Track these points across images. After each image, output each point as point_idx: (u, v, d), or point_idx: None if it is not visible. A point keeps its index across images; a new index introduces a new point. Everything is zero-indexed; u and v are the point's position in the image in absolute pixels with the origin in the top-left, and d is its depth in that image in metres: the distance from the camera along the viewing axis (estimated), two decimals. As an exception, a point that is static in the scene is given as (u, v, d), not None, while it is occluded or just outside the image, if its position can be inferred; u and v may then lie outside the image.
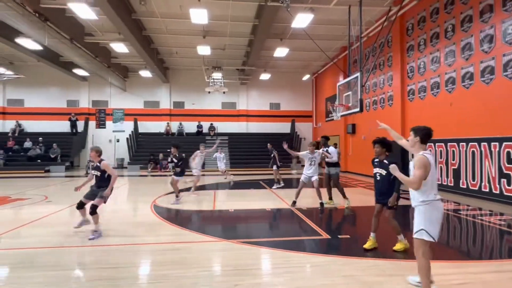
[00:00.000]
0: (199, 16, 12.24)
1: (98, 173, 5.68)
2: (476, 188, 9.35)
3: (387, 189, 4.77)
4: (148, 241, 5.27)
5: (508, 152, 8.23)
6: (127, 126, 23.12)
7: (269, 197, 9.91)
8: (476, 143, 9.37)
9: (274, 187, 11.62)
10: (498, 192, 8.48)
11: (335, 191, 8.55)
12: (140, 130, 24.04)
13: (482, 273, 3.86)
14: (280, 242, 5.36)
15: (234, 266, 4.15)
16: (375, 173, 4.97)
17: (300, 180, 8.19)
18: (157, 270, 4.07)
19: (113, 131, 22.95)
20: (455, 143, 10.20)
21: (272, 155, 12.23)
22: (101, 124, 23.26)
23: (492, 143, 8.73)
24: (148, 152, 21.18)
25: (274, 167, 12.02)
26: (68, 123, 22.90)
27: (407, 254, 4.58)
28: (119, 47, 16.26)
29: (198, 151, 10.68)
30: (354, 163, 17.80)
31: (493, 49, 8.81)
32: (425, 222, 3.11)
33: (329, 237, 5.50)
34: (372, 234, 4.91)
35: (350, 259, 4.41)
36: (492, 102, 8.81)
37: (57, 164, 19.92)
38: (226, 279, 3.75)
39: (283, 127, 25.00)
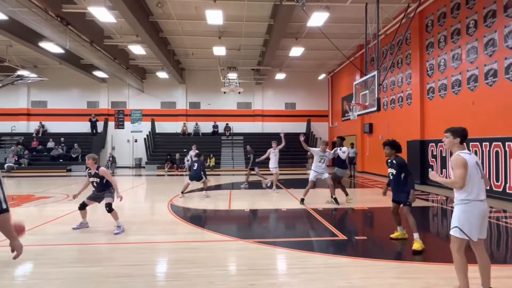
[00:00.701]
0: (214, 17, 12.34)
1: (97, 180, 5.81)
2: (500, 190, 9.01)
3: (399, 187, 4.98)
4: (165, 239, 5.36)
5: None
6: (145, 127, 23.57)
7: (285, 197, 9.88)
8: (500, 143, 9.03)
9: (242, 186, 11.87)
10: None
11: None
12: (157, 131, 24.46)
13: (498, 277, 3.71)
14: (296, 242, 5.33)
15: (250, 265, 4.16)
16: (389, 173, 5.21)
17: (310, 179, 8.37)
18: (173, 268, 4.13)
19: (131, 132, 23.45)
20: (478, 143, 9.86)
21: (250, 157, 12.10)
22: (119, 125, 23.82)
23: (517, 143, 8.39)
24: (165, 152, 21.53)
25: (256, 169, 11.91)
26: (88, 123, 23.56)
27: (426, 255, 4.46)
28: (137, 49, 16.60)
29: (271, 148, 10.75)
30: (371, 163, 17.51)
31: (518, 44, 8.46)
32: (459, 220, 3.14)
33: (346, 238, 5.43)
34: (398, 228, 5.24)
35: (367, 261, 4.34)
36: (517, 100, 8.46)
37: (78, 163, 20.53)
38: (241, 279, 3.77)
39: (298, 127, 24.82)
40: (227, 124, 24.56)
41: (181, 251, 4.77)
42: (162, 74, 22.01)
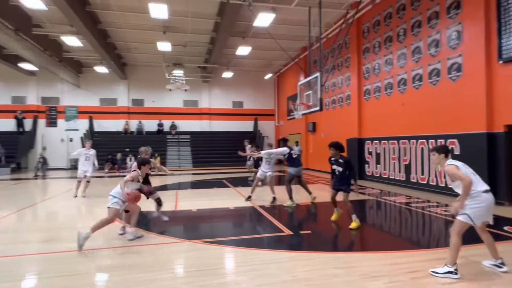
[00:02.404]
0: (158, 10, 11.87)
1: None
2: (425, 182, 10.08)
3: (344, 180, 5.91)
4: (105, 245, 5.03)
5: (452, 149, 8.97)
6: (82, 125, 21.85)
7: (232, 195, 9.91)
8: (425, 140, 10.10)
9: None
10: (443, 185, 9.21)
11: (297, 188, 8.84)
12: (96, 129, 22.82)
13: (430, 260, 4.16)
14: (243, 240, 5.39)
15: (198, 266, 4.09)
16: (334, 169, 6.06)
17: (257, 176, 8.78)
18: (116, 275, 3.89)
19: (66, 130, 21.57)
20: (407, 140, 10.91)
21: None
22: (51, 123, 21.74)
23: (439, 140, 9.46)
24: (105, 152, 20.14)
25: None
26: (13, 121, 21.10)
27: (363, 245, 4.82)
28: (72, 41, 15.27)
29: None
30: (315, 161, 18.36)
31: (439, 53, 9.53)
32: (470, 209, 3.61)
33: (292, 233, 5.63)
34: (335, 209, 6.25)
35: (312, 254, 4.54)
36: (438, 102, 9.54)
37: (1, 166, 18.29)
38: (189, 280, 3.70)
39: (246, 125, 25.07)
40: (173, 122, 23.84)
41: (123, 256, 4.52)
42: (101, 69, 20.55)
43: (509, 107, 7.57)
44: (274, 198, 8.46)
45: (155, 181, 8.65)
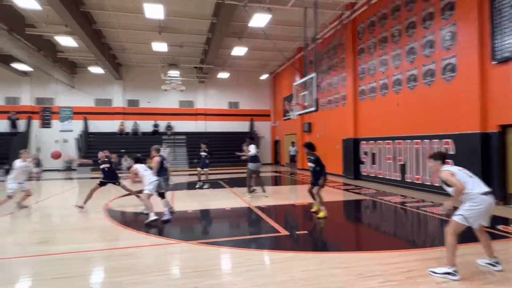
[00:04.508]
0: (154, 11, 11.81)
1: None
2: (420, 182, 10.15)
3: (316, 175, 6.85)
4: (101, 247, 4.99)
5: (447, 148, 9.04)
6: (76, 126, 21.68)
7: (228, 196, 9.89)
8: (419, 140, 10.16)
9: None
10: (438, 184, 9.28)
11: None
12: (91, 130, 22.66)
13: (426, 259, 4.19)
14: (239, 240, 5.38)
15: (193, 267, 4.08)
16: (310, 166, 7.04)
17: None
18: (111, 277, 3.86)
19: (60, 131, 21.36)
20: (401, 140, 10.98)
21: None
22: (45, 124, 21.51)
23: (433, 140, 9.53)
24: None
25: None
26: (7, 122, 20.88)
27: (360, 245, 4.80)
28: (66, 41, 15.14)
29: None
30: (311, 161, 18.35)
31: (434, 53, 9.60)
32: (466, 210, 3.64)
33: (288, 233, 5.63)
34: (314, 202, 7.08)
35: (308, 254, 4.55)
36: (433, 102, 9.61)
37: (-5, 167, 18.08)
38: (185, 282, 3.68)
39: (242, 126, 25.05)
40: (168, 123, 23.75)
41: (118, 258, 4.48)
42: (96, 69, 20.41)
43: (502, 107, 7.65)
44: (252, 190, 9.63)
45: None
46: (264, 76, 24.15)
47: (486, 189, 3.67)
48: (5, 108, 21.31)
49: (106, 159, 8.32)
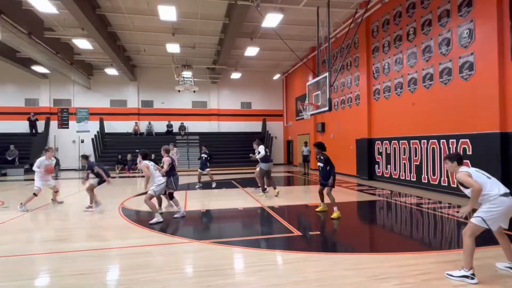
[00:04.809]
0: (167, 13, 11.97)
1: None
2: (436, 183, 9.92)
3: (325, 175, 6.88)
4: (116, 245, 5.09)
5: (464, 148, 8.81)
6: (92, 126, 22.18)
7: (241, 196, 9.92)
8: (436, 140, 9.94)
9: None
10: (455, 186, 9.04)
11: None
12: (107, 130, 23.13)
13: (442, 262, 4.09)
14: (252, 240, 5.39)
15: (206, 267, 4.11)
16: (318, 165, 7.05)
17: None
18: (125, 274, 3.93)
19: (77, 132, 21.92)
20: (417, 140, 10.75)
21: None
22: (63, 124, 22.13)
23: (450, 140, 9.30)
24: (115, 153, 20.42)
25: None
26: (27, 123, 21.56)
27: (373, 246, 4.74)
28: (83, 44, 15.53)
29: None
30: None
31: (450, 51, 9.37)
32: (485, 212, 3.55)
33: (301, 234, 5.60)
34: (321, 203, 7.29)
35: (321, 255, 4.51)
36: (450, 101, 9.38)
37: (15, 167, 18.68)
38: (198, 281, 3.71)
39: (254, 126, 25.08)
40: (182, 123, 24.00)
41: (133, 256, 4.56)
42: (112, 71, 20.83)
43: (523, 106, 7.40)
44: (263, 190, 9.69)
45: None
46: (276, 76, 24.11)
47: (505, 190, 3.55)
48: (24, 109, 21.99)
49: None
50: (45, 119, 22.16)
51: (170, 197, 7.21)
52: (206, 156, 11.92)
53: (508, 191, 3.57)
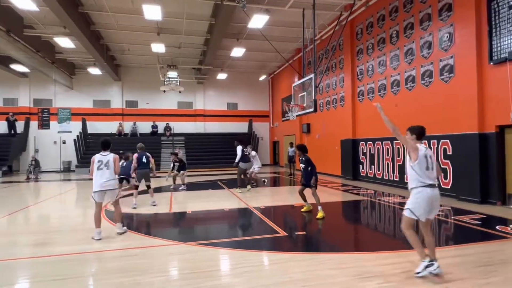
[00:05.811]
0: (152, 12, 11.82)
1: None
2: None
3: (307, 176, 7.07)
4: (98, 248, 4.98)
5: (445, 149, 9.07)
6: (75, 127, 21.64)
7: (228, 197, 9.89)
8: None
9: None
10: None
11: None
12: (90, 131, 22.62)
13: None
14: (238, 241, 5.38)
15: (192, 269, 4.08)
16: (301, 166, 7.25)
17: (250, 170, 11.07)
18: (109, 278, 3.86)
19: (59, 132, 21.34)
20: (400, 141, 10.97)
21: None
22: (44, 125, 21.50)
23: (431, 141, 9.54)
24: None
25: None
26: (5, 123, 20.84)
27: (358, 246, 4.80)
28: (64, 42, 15.14)
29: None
30: (310, 162, 18.36)
31: (431, 54, 9.63)
32: (411, 203, 3.73)
33: (286, 234, 5.63)
34: (305, 203, 7.41)
35: (306, 255, 4.55)
36: (431, 103, 9.63)
37: (-7, 168, 18.04)
38: (183, 283, 3.68)
39: (240, 127, 25.06)
40: (167, 124, 23.74)
41: (117, 259, 4.48)
42: (95, 70, 20.40)
43: (500, 108, 7.67)
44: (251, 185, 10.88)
45: (152, 183, 8.60)
46: (262, 77, 24.17)
47: (430, 181, 3.69)
48: (3, 109, 21.26)
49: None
50: (25, 119, 21.48)
51: (136, 188, 8.26)
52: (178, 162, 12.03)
53: (433, 182, 3.71)
